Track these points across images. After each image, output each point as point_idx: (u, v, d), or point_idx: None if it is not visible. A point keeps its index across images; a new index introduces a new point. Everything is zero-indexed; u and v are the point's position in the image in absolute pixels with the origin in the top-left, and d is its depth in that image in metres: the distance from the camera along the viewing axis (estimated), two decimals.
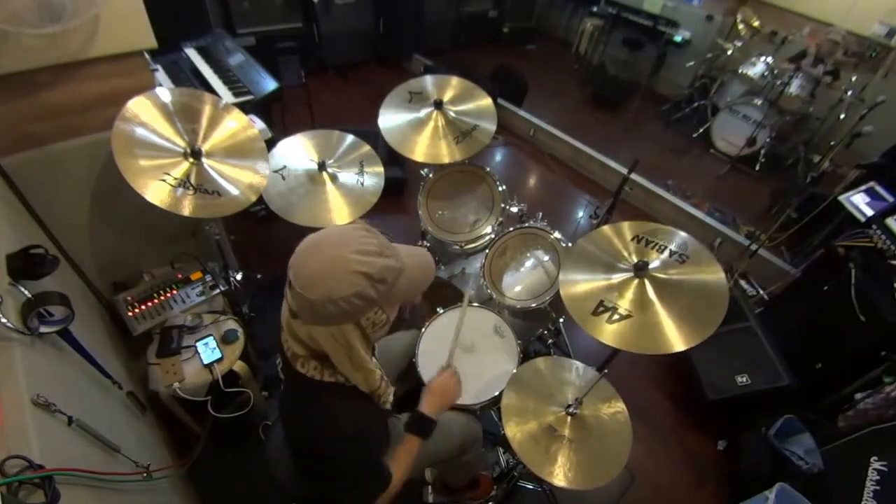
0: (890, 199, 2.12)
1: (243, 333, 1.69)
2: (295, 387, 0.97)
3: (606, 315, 1.18)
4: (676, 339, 1.10)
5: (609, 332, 1.15)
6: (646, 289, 1.19)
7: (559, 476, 1.18)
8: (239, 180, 1.53)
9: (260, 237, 2.69)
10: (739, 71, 3.92)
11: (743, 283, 2.87)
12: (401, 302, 0.93)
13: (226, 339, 1.66)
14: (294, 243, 0.83)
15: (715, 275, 1.18)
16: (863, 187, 2.21)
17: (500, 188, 1.98)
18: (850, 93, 3.49)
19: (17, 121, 1.39)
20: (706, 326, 1.10)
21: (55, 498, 0.75)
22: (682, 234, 1.28)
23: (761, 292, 2.80)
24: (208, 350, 1.61)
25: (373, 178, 1.82)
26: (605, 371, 1.26)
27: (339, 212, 1.71)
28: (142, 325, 1.62)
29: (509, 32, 5.54)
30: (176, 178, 1.40)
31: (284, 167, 1.75)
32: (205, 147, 1.49)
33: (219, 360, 1.60)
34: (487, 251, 1.83)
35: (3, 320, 0.91)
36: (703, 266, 1.21)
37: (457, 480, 1.68)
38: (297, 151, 1.80)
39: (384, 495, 1.05)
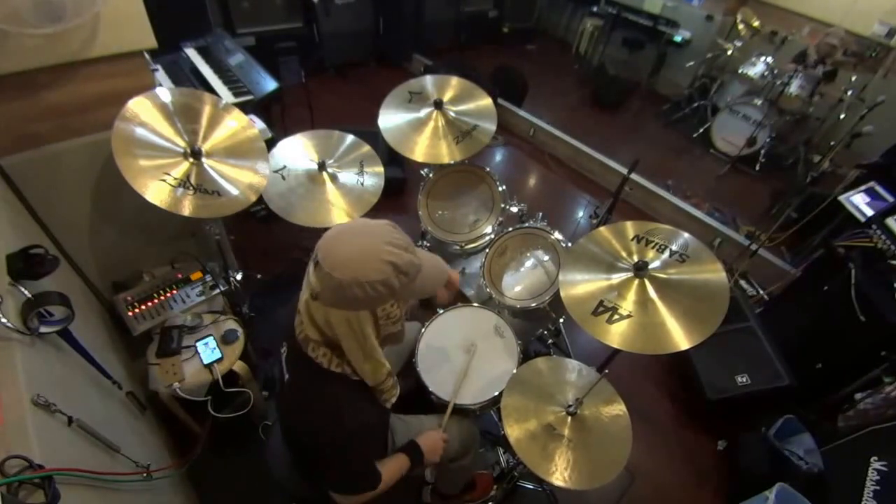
0: (890, 199, 2.11)
1: (243, 333, 1.70)
2: (300, 373, 0.98)
3: (607, 315, 1.18)
4: (677, 339, 1.10)
5: (609, 333, 1.15)
6: (646, 288, 1.19)
7: (559, 476, 1.18)
8: (239, 180, 1.53)
9: (260, 237, 2.68)
10: (739, 71, 3.91)
11: (743, 283, 2.87)
12: (412, 298, 1.00)
13: (226, 339, 1.66)
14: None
15: (716, 273, 1.17)
16: (863, 187, 2.21)
17: (500, 188, 1.98)
18: (850, 93, 3.49)
19: (17, 121, 1.39)
20: (707, 326, 1.10)
21: (55, 498, 0.75)
22: (683, 233, 1.28)
23: (761, 292, 2.80)
24: (208, 350, 1.61)
25: (373, 178, 1.82)
26: (606, 371, 1.26)
27: (339, 212, 1.71)
28: (142, 325, 1.62)
29: (509, 32, 5.54)
30: (176, 178, 1.40)
31: (284, 167, 1.75)
32: (205, 147, 1.49)
33: (219, 360, 1.60)
34: (487, 251, 1.83)
35: (3, 320, 0.91)
36: (703, 265, 1.20)
37: (451, 486, 1.67)
38: (297, 151, 1.80)
39: (365, 496, 1.06)
